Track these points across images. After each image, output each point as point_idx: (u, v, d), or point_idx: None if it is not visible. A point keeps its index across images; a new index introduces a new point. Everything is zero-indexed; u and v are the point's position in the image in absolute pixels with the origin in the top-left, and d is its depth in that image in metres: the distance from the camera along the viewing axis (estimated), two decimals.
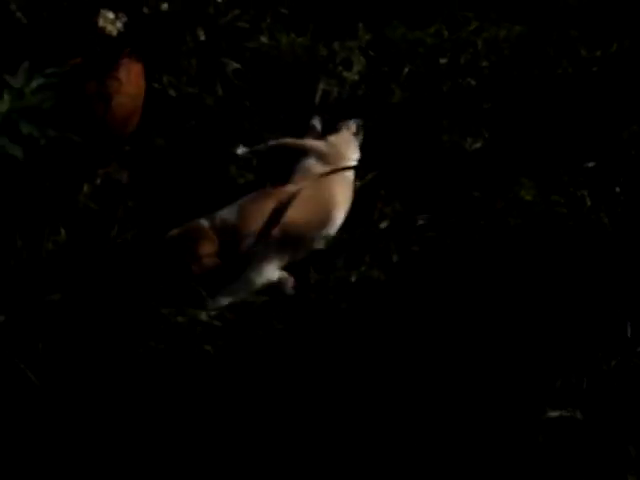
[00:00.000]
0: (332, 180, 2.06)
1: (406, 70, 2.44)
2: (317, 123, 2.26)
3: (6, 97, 1.83)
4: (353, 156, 2.17)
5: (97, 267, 1.93)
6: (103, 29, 1.93)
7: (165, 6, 2.06)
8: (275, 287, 1.89)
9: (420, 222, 2.05)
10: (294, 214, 1.94)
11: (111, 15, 1.94)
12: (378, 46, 2.52)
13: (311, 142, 2.17)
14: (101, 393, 1.69)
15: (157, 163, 2.20)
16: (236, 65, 2.40)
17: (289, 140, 2.16)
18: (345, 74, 2.41)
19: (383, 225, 2.04)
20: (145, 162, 2.20)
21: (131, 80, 2.11)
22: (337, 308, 1.84)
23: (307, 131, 2.25)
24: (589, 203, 2.09)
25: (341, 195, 2.04)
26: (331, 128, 2.26)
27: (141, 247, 1.98)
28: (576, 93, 2.39)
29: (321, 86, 2.34)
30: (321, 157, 2.10)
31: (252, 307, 1.85)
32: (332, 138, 2.19)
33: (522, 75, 2.44)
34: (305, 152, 2.11)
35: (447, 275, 1.93)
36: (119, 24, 1.95)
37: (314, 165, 2.08)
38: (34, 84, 1.86)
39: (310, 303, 1.85)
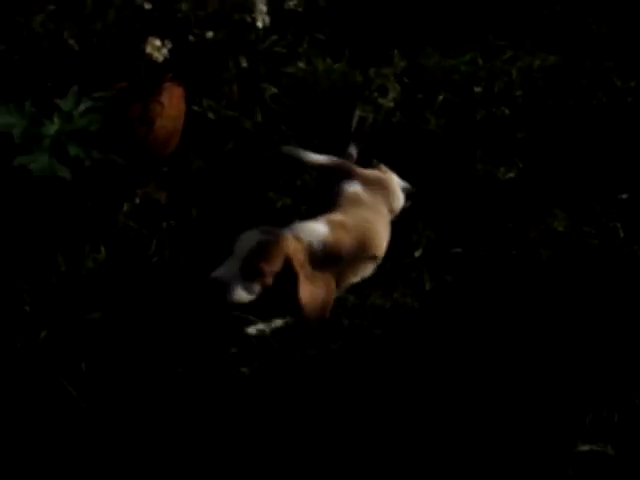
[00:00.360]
0: (378, 212, 2.03)
1: (440, 98, 2.47)
2: (353, 150, 2.29)
3: (56, 120, 1.90)
4: (399, 191, 2.15)
5: (136, 285, 1.97)
6: (150, 55, 1.99)
7: (210, 34, 2.11)
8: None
9: (454, 251, 2.07)
10: (342, 242, 1.88)
11: (158, 42, 2.00)
12: (413, 73, 2.56)
13: (359, 168, 2.14)
14: (138, 409, 1.72)
15: (195, 184, 2.25)
16: (274, 90, 2.45)
17: (343, 162, 2.14)
18: (380, 101, 2.44)
19: (417, 254, 2.06)
20: (183, 183, 2.25)
21: (173, 104, 2.17)
22: (371, 334, 1.86)
23: (343, 158, 2.27)
24: (622, 235, 2.10)
25: (384, 228, 2.03)
26: (367, 155, 2.30)
27: (181, 264, 2.01)
28: (610, 124, 2.40)
29: (357, 113, 2.38)
30: (367, 184, 2.06)
31: (288, 330, 1.87)
32: (378, 172, 2.17)
33: (556, 105, 2.46)
34: (352, 176, 2.08)
35: (479, 304, 1.94)
36: (165, 51, 2.01)
37: (360, 191, 2.04)
38: (82, 107, 1.92)
39: (344, 329, 1.87)
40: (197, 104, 2.37)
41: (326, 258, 1.85)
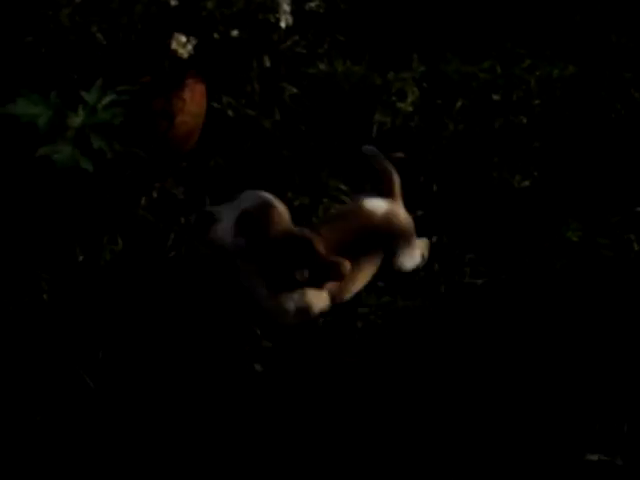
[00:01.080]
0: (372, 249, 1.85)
1: (459, 104, 2.48)
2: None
3: (80, 112, 1.92)
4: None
5: (152, 278, 1.98)
6: (175, 51, 2.01)
7: (235, 33, 2.13)
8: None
9: (469, 256, 2.08)
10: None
11: (183, 39, 2.01)
12: (432, 78, 2.57)
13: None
14: (152, 401, 1.74)
15: (213, 181, 2.27)
16: (294, 90, 2.46)
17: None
18: (399, 104, 2.46)
19: (429, 256, 2.07)
20: (201, 179, 2.27)
21: (194, 100, 2.19)
22: (385, 334, 1.87)
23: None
24: (636, 247, 2.11)
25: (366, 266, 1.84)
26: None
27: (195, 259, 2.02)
28: (628, 136, 2.41)
29: (377, 117, 2.39)
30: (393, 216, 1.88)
31: (300, 329, 1.89)
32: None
33: (574, 115, 2.47)
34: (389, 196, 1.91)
35: (492, 310, 1.95)
36: (189, 47, 2.03)
37: (379, 214, 1.85)
38: (106, 100, 1.94)
39: (359, 329, 1.89)
40: (217, 101, 2.38)
41: None
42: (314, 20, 2.64)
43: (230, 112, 2.39)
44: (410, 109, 2.45)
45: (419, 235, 2.02)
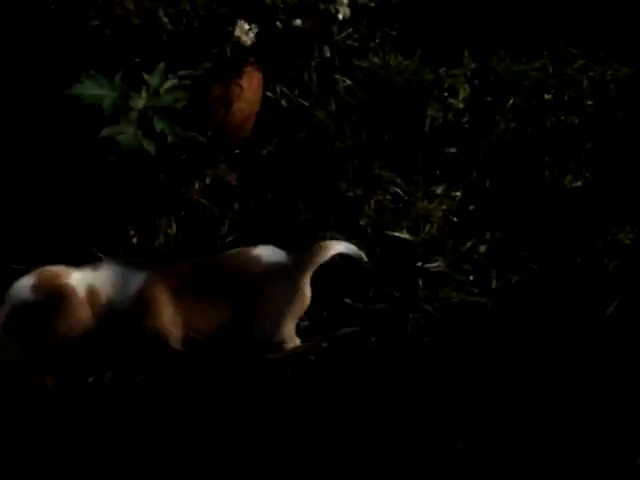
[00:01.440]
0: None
1: (510, 102, 2.47)
2: None
3: (144, 94, 1.94)
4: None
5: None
6: (238, 38, 2.03)
7: (298, 22, 2.15)
8: None
9: (521, 253, 2.08)
10: None
11: (246, 26, 2.03)
12: (483, 76, 2.56)
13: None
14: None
15: (265, 169, 2.28)
16: (348, 82, 2.47)
17: None
18: (450, 100, 2.45)
19: (482, 249, 2.07)
20: (253, 167, 2.29)
21: (252, 87, 2.21)
22: (442, 328, 1.87)
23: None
24: None
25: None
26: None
27: None
28: None
29: (429, 112, 2.39)
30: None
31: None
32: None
33: (627, 117, 2.44)
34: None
35: (543, 308, 1.95)
36: (251, 35, 2.04)
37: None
38: (169, 84, 1.97)
39: (412, 323, 1.90)
40: (271, 91, 2.40)
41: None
42: (366, 13, 2.64)
43: (284, 102, 2.41)
44: (461, 105, 2.44)
45: (472, 230, 2.03)
